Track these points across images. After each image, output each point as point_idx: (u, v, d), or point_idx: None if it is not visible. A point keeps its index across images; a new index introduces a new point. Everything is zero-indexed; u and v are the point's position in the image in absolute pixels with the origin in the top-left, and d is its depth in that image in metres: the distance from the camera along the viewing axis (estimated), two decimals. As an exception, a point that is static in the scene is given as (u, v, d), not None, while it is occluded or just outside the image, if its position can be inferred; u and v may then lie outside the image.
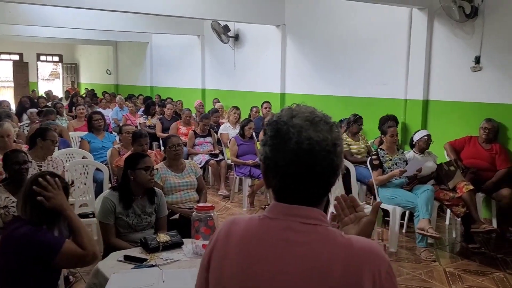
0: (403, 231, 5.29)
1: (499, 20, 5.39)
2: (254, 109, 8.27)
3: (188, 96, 11.15)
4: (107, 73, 16.96)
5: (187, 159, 6.14)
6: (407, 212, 5.12)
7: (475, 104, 5.71)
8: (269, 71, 8.93)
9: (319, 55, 7.98)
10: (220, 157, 7.03)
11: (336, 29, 7.56)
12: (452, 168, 5.03)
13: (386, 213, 5.15)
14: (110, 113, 10.02)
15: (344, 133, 6.31)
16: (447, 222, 5.57)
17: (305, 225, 1.20)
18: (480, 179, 5.22)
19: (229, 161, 6.80)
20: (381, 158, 4.96)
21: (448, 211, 5.34)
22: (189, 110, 8.11)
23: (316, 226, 1.20)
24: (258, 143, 6.80)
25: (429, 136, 5.22)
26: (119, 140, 5.93)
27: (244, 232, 1.26)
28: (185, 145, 6.87)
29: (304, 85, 8.32)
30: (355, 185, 5.07)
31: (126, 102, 10.69)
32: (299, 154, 1.18)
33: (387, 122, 5.77)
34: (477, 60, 5.62)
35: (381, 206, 4.96)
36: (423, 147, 5.20)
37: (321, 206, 1.24)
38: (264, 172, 1.27)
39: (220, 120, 8.15)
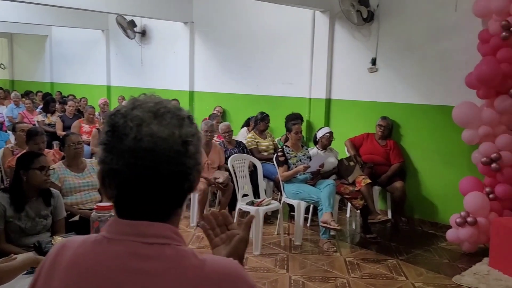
0: (308, 224, 5.50)
1: (392, 24, 5.80)
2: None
3: (92, 94, 10.64)
4: (0, 67, 15.68)
5: (91, 158, 5.86)
6: (311, 206, 5.34)
7: (372, 103, 6.09)
8: (178, 68, 8.81)
9: (227, 53, 8.03)
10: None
11: (244, 28, 7.65)
12: (351, 163, 5.32)
13: (291, 208, 5.32)
14: (4, 111, 9.29)
15: (252, 131, 6.42)
16: (347, 215, 5.88)
17: (150, 246, 0.96)
18: (377, 173, 5.58)
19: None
20: (286, 155, 5.11)
21: (349, 204, 5.64)
22: (93, 107, 7.75)
23: (164, 246, 0.97)
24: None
25: (331, 133, 5.48)
26: (15, 139, 5.51)
27: (73, 260, 0.99)
28: (89, 144, 6.56)
29: (213, 83, 8.32)
30: (261, 182, 5.17)
31: (23, 99, 9.94)
32: (137, 154, 0.94)
33: (293, 120, 5.95)
34: (374, 61, 5.99)
35: (286, 201, 5.11)
36: (326, 143, 5.44)
37: (173, 220, 1.02)
38: (100, 180, 1.01)
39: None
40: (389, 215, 5.76)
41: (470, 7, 4.78)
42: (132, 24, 9.38)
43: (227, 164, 5.27)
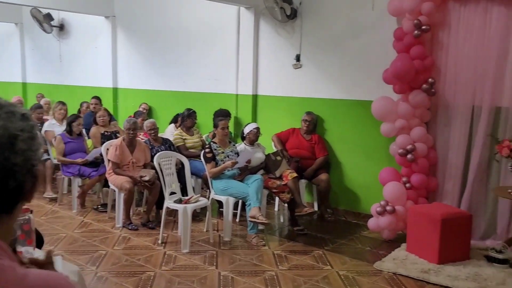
0: (237, 220, 5.52)
1: (314, 21, 5.96)
2: (85, 105, 7.75)
3: (6, 91, 9.94)
4: None
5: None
6: (240, 201, 5.36)
7: (297, 98, 6.23)
8: (100, 64, 8.46)
9: (152, 49, 7.84)
10: (45, 156, 6.43)
11: (170, 23, 7.51)
12: (278, 158, 5.41)
13: (221, 204, 5.31)
14: None
15: (179, 128, 6.33)
16: (276, 209, 5.98)
17: None
18: (303, 167, 5.73)
19: (55, 161, 6.27)
20: (214, 151, 5.09)
21: (277, 198, 5.73)
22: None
23: None
24: (88, 140, 6.41)
25: (258, 128, 5.53)
26: None
27: None
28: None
29: (137, 79, 8.10)
30: (189, 179, 5.11)
31: None
32: None
33: (220, 116, 5.94)
34: (298, 58, 6.13)
35: (215, 198, 5.10)
36: (253, 139, 5.49)
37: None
38: None
39: (44, 117, 7.46)
40: (316, 207, 5.94)
41: (386, 6, 5.02)
42: (49, 17, 8.87)
43: (153, 162, 5.15)
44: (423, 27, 4.74)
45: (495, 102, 4.70)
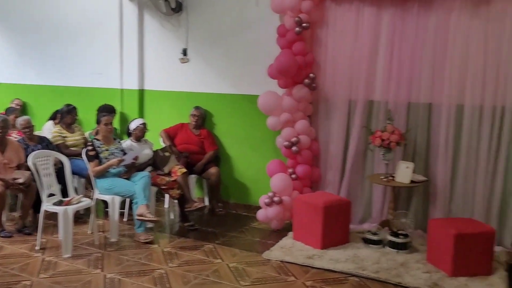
0: (125, 220, 5.32)
1: (200, 15, 5.92)
2: None
3: None
4: None
5: None
6: (128, 200, 5.17)
7: (185, 93, 6.16)
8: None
9: (27, 41, 7.19)
10: None
11: (47, 15, 6.94)
12: (167, 153, 5.31)
13: (107, 204, 5.06)
14: None
15: (58, 125, 5.91)
16: (166, 206, 5.87)
17: None
18: (192, 162, 5.69)
19: None
20: (97, 149, 4.84)
21: (166, 195, 5.62)
22: None
23: None
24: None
25: (145, 124, 5.37)
26: None
27: None
28: None
29: (11, 73, 7.39)
30: (70, 179, 4.79)
31: None
32: None
33: (103, 111, 5.65)
34: (185, 52, 6.05)
35: (100, 198, 4.85)
36: (140, 135, 5.33)
37: None
38: None
39: None
40: (206, 202, 5.94)
41: (270, 3, 5.15)
42: None
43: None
44: (304, 24, 4.95)
45: (368, 96, 5.08)
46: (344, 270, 4.07)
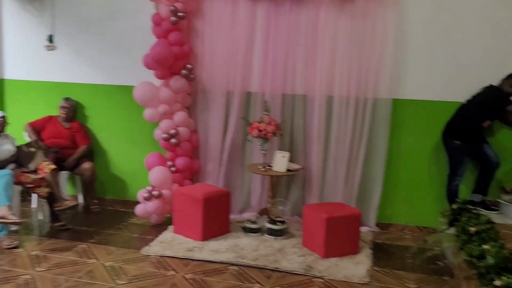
0: (-16, 223, 4.78)
1: (68, 1, 5.50)
2: None
3: None
4: None
5: None
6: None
7: (53, 83, 5.70)
8: None
9: None
10: None
11: None
12: (32, 149, 4.87)
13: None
14: None
15: None
16: (34, 205, 5.40)
17: None
18: (63, 157, 5.30)
19: None
20: None
21: (34, 193, 5.16)
22: None
23: None
24: None
25: (4, 117, 4.87)
26: None
27: None
28: None
29: None
30: None
31: None
32: None
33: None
34: (51, 39, 5.56)
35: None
36: (-1, 129, 4.81)
37: None
38: None
39: None
40: (80, 199, 5.59)
41: (144, -11, 4.96)
42: None
43: None
44: (179, 13, 4.85)
45: (245, 88, 5.17)
46: (224, 260, 4.10)
